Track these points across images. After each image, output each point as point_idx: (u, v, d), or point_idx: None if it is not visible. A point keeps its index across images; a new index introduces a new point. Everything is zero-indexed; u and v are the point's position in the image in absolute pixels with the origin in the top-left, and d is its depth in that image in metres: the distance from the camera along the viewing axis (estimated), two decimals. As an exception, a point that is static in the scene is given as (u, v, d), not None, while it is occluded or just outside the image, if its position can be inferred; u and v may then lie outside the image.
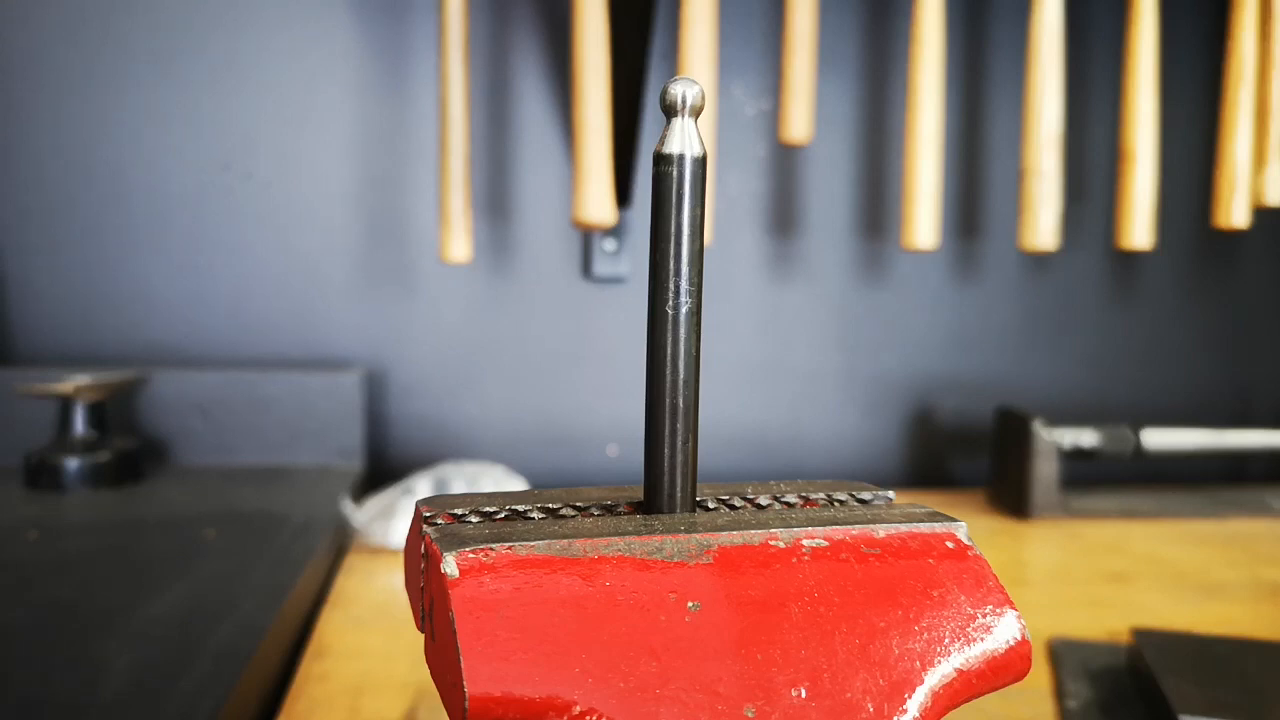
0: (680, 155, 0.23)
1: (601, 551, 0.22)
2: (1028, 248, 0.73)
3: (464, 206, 0.72)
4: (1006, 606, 0.24)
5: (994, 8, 0.91)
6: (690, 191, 0.24)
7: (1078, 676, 0.46)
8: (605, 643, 0.21)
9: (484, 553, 0.22)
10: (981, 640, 0.23)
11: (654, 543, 0.23)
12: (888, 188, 0.91)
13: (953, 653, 0.23)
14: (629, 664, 0.21)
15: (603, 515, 0.25)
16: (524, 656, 0.20)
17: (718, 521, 0.24)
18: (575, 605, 0.21)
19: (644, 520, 0.24)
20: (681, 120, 0.24)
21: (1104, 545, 0.72)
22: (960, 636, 0.23)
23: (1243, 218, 0.73)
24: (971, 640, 0.23)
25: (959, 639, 0.23)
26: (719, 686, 0.21)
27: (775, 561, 0.23)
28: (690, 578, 0.22)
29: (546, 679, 0.20)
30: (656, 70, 0.83)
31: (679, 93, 0.24)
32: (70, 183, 0.81)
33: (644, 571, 0.22)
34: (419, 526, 0.24)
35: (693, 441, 0.25)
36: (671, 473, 0.25)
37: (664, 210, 0.24)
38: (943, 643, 0.23)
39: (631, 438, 0.87)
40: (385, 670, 0.46)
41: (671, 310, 0.24)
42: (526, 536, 0.22)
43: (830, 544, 0.24)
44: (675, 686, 0.21)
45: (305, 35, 0.82)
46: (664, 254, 0.24)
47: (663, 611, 0.22)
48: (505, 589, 0.21)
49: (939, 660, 0.23)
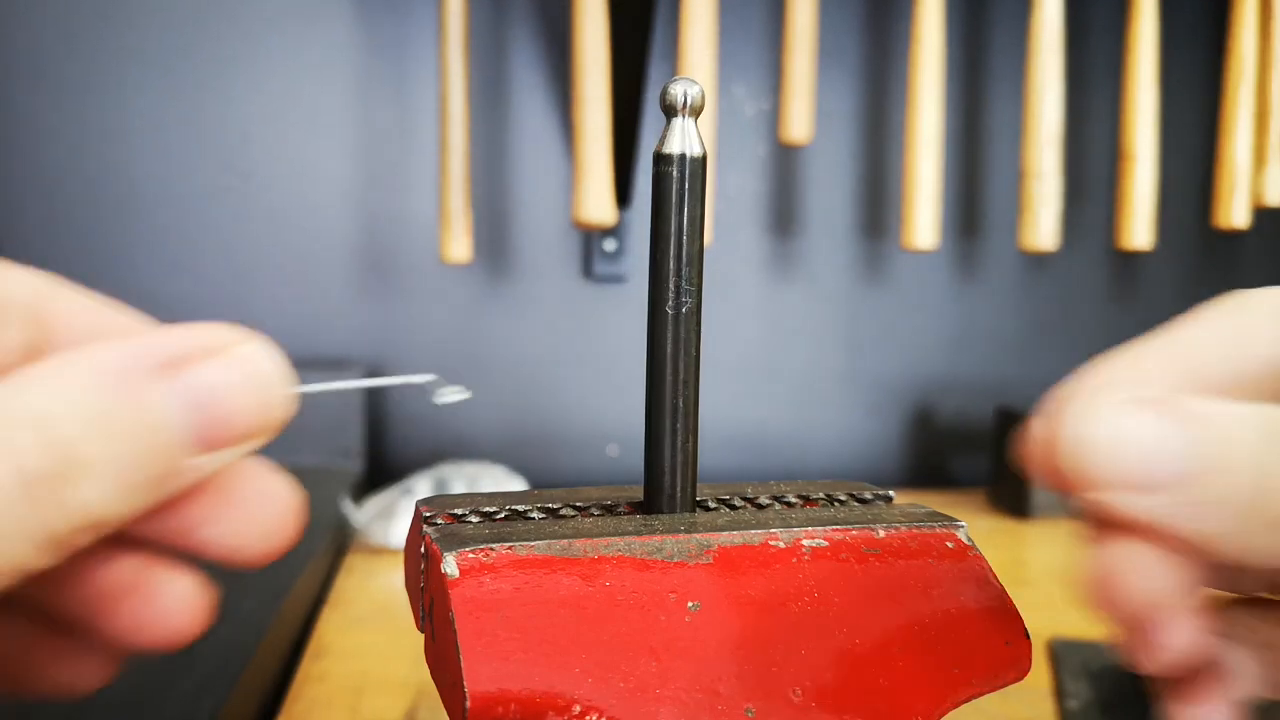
0: (680, 155, 0.23)
1: (601, 551, 0.22)
2: (1028, 248, 0.74)
3: (464, 206, 0.72)
4: (1007, 606, 0.24)
5: (994, 7, 0.91)
6: (690, 191, 0.24)
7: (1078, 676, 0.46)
8: (605, 642, 0.21)
9: (484, 553, 0.22)
10: (981, 640, 0.23)
11: (654, 543, 0.23)
12: (888, 187, 0.91)
13: (952, 653, 0.23)
14: (629, 664, 0.21)
15: (603, 515, 0.25)
16: (524, 656, 0.20)
17: (718, 521, 0.24)
18: (575, 605, 0.21)
19: (644, 520, 0.24)
20: (681, 120, 0.24)
21: (1104, 545, 0.71)
22: (960, 636, 0.23)
23: (1243, 218, 0.73)
24: (971, 640, 0.23)
25: (959, 639, 0.23)
26: (719, 686, 0.21)
27: (775, 561, 0.23)
28: (690, 578, 0.22)
29: (546, 679, 0.20)
30: (656, 70, 0.83)
31: (679, 92, 0.23)
32: (70, 183, 0.81)
33: (644, 571, 0.22)
34: (419, 526, 0.24)
35: (693, 441, 0.25)
36: (671, 473, 0.25)
37: (664, 210, 0.24)
38: (942, 643, 0.23)
39: (631, 438, 0.87)
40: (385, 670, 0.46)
41: (671, 310, 0.24)
42: (526, 536, 0.22)
43: (830, 544, 0.24)
44: (675, 686, 0.21)
45: (305, 35, 0.82)
46: (664, 254, 0.24)
47: (663, 611, 0.22)
48: (505, 589, 0.21)
49: (939, 660, 0.23)
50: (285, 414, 0.17)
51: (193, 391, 0.16)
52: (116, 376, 0.15)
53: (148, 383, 0.15)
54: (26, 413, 0.14)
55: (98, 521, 0.15)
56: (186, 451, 0.16)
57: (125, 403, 0.15)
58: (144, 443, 0.15)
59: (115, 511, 0.15)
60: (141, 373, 0.15)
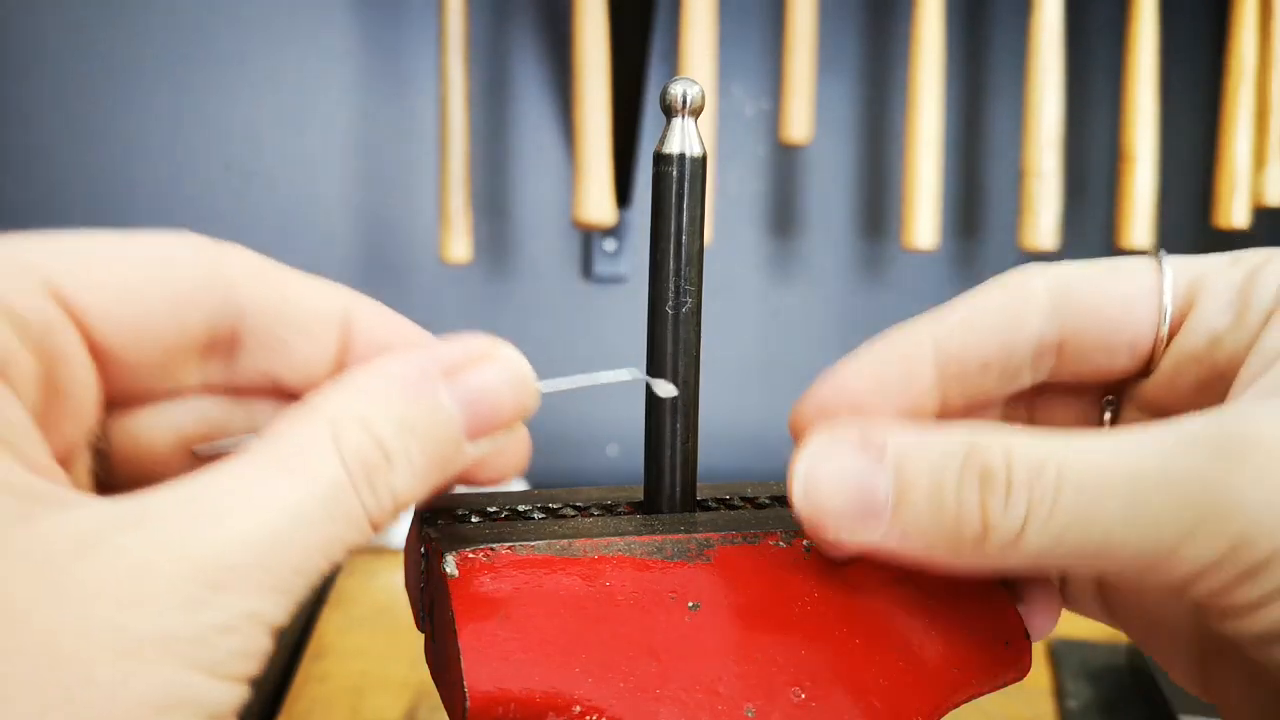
0: (680, 155, 0.23)
1: (601, 551, 0.22)
2: (1028, 248, 0.74)
3: (464, 206, 0.72)
4: (1007, 606, 0.24)
5: (994, 7, 0.91)
6: (690, 191, 0.24)
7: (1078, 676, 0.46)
8: (605, 643, 0.21)
9: (484, 553, 0.22)
10: (981, 640, 0.23)
11: (654, 543, 0.23)
12: (888, 187, 0.91)
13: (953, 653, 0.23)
14: (629, 664, 0.21)
15: (603, 515, 0.25)
16: (524, 656, 0.20)
17: (718, 522, 0.24)
18: (575, 605, 0.21)
19: (644, 520, 0.24)
20: (681, 120, 0.24)
21: (1104, 545, 0.71)
22: (960, 637, 0.23)
23: (1243, 218, 0.73)
24: (972, 639, 0.23)
25: (959, 638, 0.23)
26: (719, 686, 0.21)
27: (775, 561, 0.23)
28: (690, 578, 0.22)
29: (546, 679, 0.20)
30: (656, 70, 0.83)
31: (679, 92, 0.23)
32: (71, 183, 0.81)
33: (644, 571, 0.22)
34: (419, 526, 0.24)
35: (693, 441, 0.25)
36: (671, 473, 0.25)
37: (664, 210, 0.24)
38: (943, 643, 0.23)
39: (631, 438, 0.87)
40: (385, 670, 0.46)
41: (671, 310, 0.24)
42: (527, 536, 0.22)
43: (830, 544, 0.24)
44: (675, 686, 0.21)
45: (306, 35, 0.82)
46: (664, 254, 0.24)
47: (663, 611, 0.22)
48: (505, 589, 0.21)
49: (939, 660, 0.23)
50: (535, 405, 0.21)
51: (469, 392, 0.19)
52: (414, 384, 0.19)
53: (436, 387, 0.19)
54: (354, 415, 0.18)
55: (403, 503, 0.19)
56: (464, 441, 0.19)
57: (421, 405, 0.19)
58: (435, 436, 0.19)
59: (415, 493, 0.19)
60: (431, 379, 0.19)
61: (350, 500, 0.17)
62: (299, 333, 0.21)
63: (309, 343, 0.21)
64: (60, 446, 0.19)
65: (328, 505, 0.17)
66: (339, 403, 0.18)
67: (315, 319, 0.22)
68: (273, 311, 0.21)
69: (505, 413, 0.20)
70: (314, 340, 0.22)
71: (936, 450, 0.20)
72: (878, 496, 0.20)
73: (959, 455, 0.20)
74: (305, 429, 0.17)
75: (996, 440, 0.20)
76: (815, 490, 0.21)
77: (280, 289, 0.21)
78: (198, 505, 0.16)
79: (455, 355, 0.19)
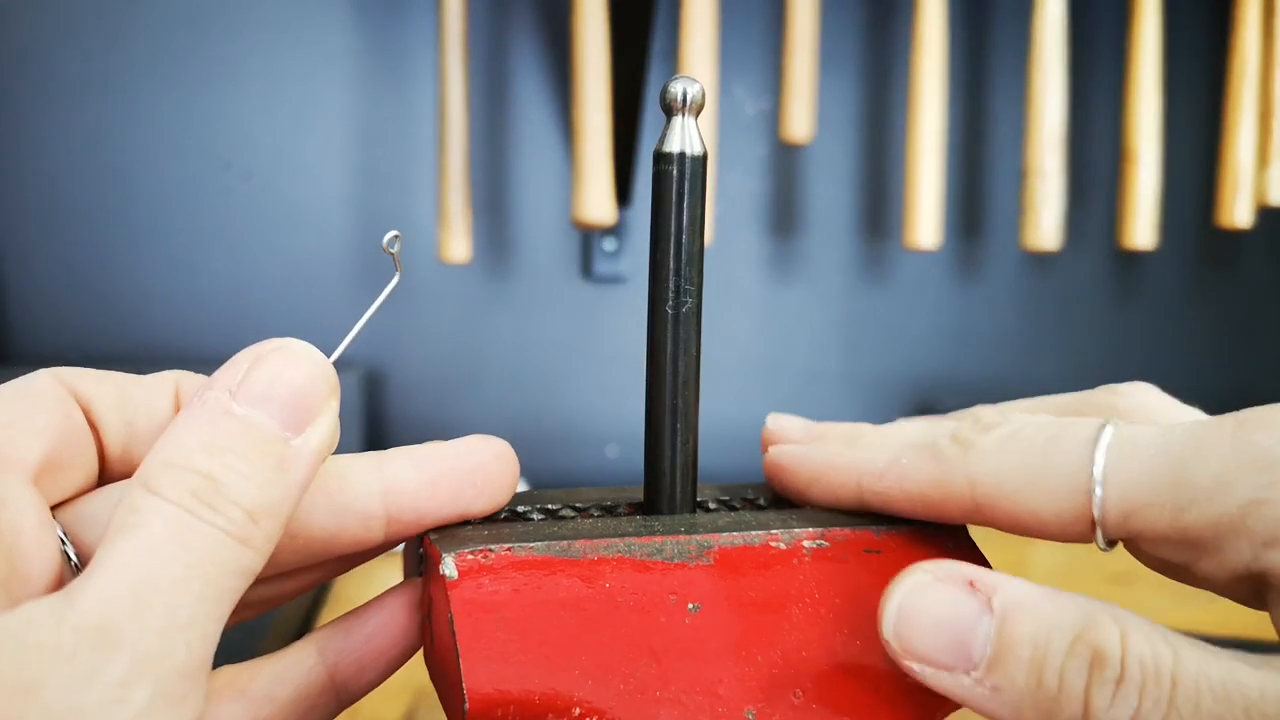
0: (680, 154, 0.23)
1: (601, 553, 0.22)
2: (1029, 247, 0.73)
3: (463, 206, 0.72)
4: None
5: (996, 6, 0.91)
6: (690, 191, 0.24)
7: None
8: (605, 644, 0.21)
9: (483, 554, 0.21)
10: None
11: (654, 544, 0.23)
12: (889, 187, 0.91)
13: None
14: (629, 665, 0.21)
15: (602, 516, 0.25)
16: (523, 658, 0.20)
17: (718, 522, 0.24)
18: (575, 607, 0.21)
19: (644, 521, 0.24)
20: (681, 119, 0.23)
21: (1105, 545, 0.71)
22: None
23: (1245, 217, 0.73)
24: (973, 642, 0.23)
25: (961, 640, 0.23)
26: (719, 688, 0.21)
27: (776, 563, 0.23)
28: (690, 579, 0.22)
29: (546, 680, 0.20)
30: (656, 70, 0.83)
31: (679, 91, 0.23)
32: (70, 183, 0.81)
33: (644, 573, 0.22)
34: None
35: (693, 441, 0.25)
36: (671, 473, 0.25)
37: (664, 210, 0.24)
38: (944, 644, 0.23)
39: (631, 438, 0.87)
40: (385, 671, 0.46)
41: (671, 310, 0.24)
42: (526, 538, 0.22)
43: (831, 545, 0.24)
44: (675, 688, 0.21)
45: (304, 34, 0.82)
46: (664, 254, 0.24)
47: (663, 613, 0.22)
48: (504, 590, 0.21)
49: (941, 662, 0.23)
50: (332, 377, 0.21)
51: (258, 392, 0.20)
52: (203, 411, 0.19)
53: (223, 403, 0.19)
54: (160, 461, 0.19)
55: (263, 509, 0.19)
56: (284, 434, 0.20)
57: (217, 424, 0.19)
58: (247, 442, 0.19)
59: (271, 497, 0.19)
60: (217, 399, 0.19)
61: (197, 526, 0.18)
62: (146, 420, 0.22)
63: (154, 422, 0.23)
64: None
65: (176, 538, 0.18)
66: (148, 461, 0.19)
67: (154, 398, 0.23)
68: (118, 406, 0.22)
69: (306, 396, 0.20)
70: (159, 418, 0.23)
71: (1049, 614, 0.19)
72: (975, 645, 0.19)
73: (1071, 628, 0.19)
74: (128, 494, 0.19)
75: (1114, 623, 0.19)
76: (909, 620, 0.20)
77: (119, 388, 0.22)
78: (65, 589, 0.18)
79: (233, 370, 0.20)
